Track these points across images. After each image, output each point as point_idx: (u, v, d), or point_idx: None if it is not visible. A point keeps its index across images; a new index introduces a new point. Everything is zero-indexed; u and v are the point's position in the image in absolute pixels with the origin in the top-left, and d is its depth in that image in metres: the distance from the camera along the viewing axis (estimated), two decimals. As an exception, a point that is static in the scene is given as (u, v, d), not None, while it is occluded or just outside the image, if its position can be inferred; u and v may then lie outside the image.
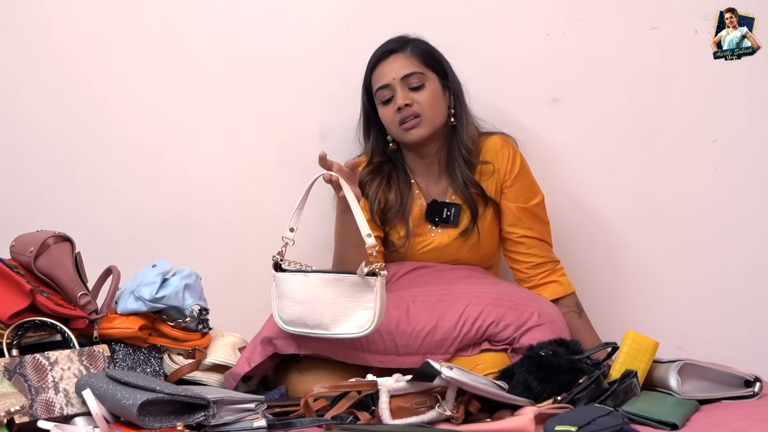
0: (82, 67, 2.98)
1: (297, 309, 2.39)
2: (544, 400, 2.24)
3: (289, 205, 2.97)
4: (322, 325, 2.37)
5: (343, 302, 2.35)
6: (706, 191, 2.98)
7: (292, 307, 2.39)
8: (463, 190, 2.74)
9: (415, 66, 2.71)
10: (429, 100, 2.69)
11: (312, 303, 2.37)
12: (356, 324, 2.35)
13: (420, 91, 2.69)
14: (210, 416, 2.10)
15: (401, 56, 2.72)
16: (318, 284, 2.37)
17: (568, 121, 2.99)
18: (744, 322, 2.99)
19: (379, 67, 2.74)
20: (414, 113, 2.68)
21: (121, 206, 2.99)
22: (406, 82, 2.69)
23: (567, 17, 2.95)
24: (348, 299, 2.35)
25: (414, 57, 2.72)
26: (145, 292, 2.46)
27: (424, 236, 2.76)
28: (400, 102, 2.68)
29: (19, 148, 2.99)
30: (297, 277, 2.39)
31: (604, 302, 2.98)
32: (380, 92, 2.72)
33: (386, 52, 2.73)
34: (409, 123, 2.69)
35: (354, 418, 2.18)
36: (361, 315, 2.35)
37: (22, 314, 2.32)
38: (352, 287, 2.35)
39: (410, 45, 2.73)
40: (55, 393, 2.22)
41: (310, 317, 2.37)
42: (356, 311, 2.35)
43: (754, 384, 2.37)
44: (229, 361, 2.53)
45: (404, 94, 2.69)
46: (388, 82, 2.71)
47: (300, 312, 2.38)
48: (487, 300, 2.52)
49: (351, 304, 2.35)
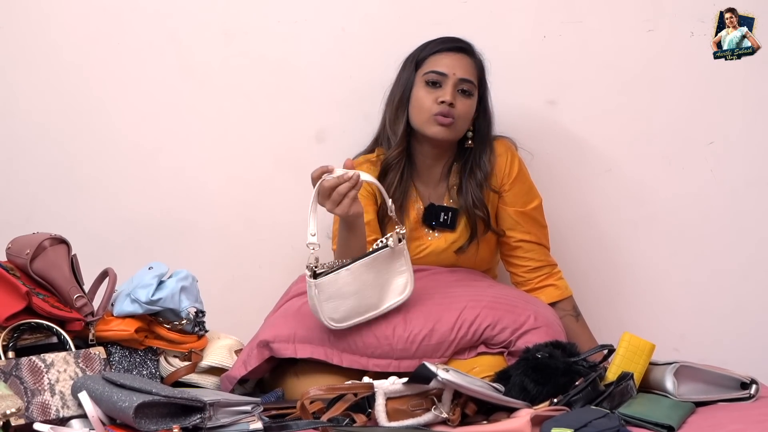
0: (79, 69, 2.98)
1: (349, 303, 2.43)
2: (540, 402, 2.24)
3: (285, 207, 3.00)
4: (372, 306, 2.46)
5: (382, 277, 2.46)
6: (702, 193, 2.99)
7: (344, 303, 2.43)
8: (471, 210, 2.73)
9: (474, 77, 2.72)
10: (466, 111, 2.69)
11: (361, 290, 2.44)
12: (397, 291, 2.47)
13: (466, 99, 2.69)
14: (206, 419, 2.10)
15: (469, 60, 2.73)
16: (361, 271, 2.43)
17: (565, 123, 2.99)
18: (740, 324, 2.99)
19: (445, 55, 2.71)
20: (451, 114, 2.67)
21: (117, 208, 2.99)
22: (460, 84, 2.69)
23: (563, 19, 2.95)
24: (385, 273, 2.46)
25: (476, 69, 2.73)
26: (142, 294, 2.46)
27: (421, 240, 2.75)
28: (449, 98, 2.65)
29: (15, 149, 2.99)
30: (341, 273, 2.42)
31: (600, 304, 2.98)
32: (432, 74, 2.69)
33: (458, 48, 2.73)
34: (443, 119, 2.66)
35: (350, 421, 2.18)
36: (398, 281, 2.47)
37: (18, 316, 2.32)
38: (386, 260, 2.45)
39: (477, 56, 2.75)
40: (51, 395, 2.22)
41: (360, 305, 2.44)
42: (393, 280, 2.46)
43: (750, 386, 2.37)
44: (226, 364, 2.53)
45: (454, 93, 2.68)
46: (447, 73, 2.69)
47: (352, 304, 2.43)
48: (483, 303, 2.52)
49: (387, 275, 2.46)
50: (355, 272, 2.42)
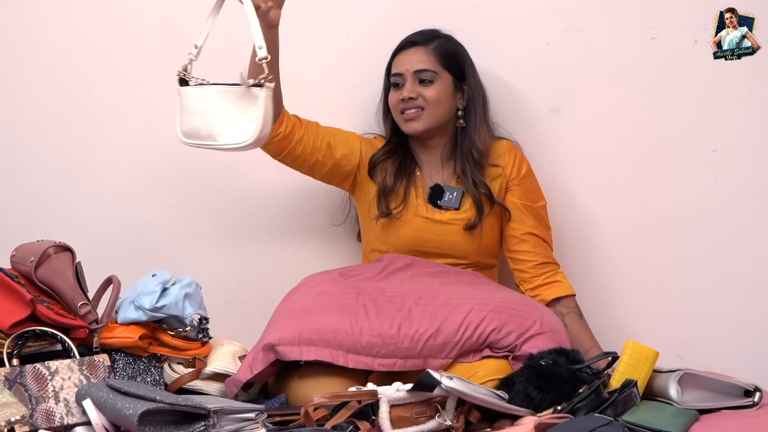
0: (83, 75, 2.99)
1: (193, 120, 2.48)
2: (544, 409, 2.24)
3: (288, 215, 3.00)
4: (212, 136, 2.47)
5: (232, 113, 2.44)
6: (705, 200, 2.98)
7: (190, 118, 2.49)
8: (473, 190, 2.78)
9: (431, 63, 2.79)
10: (434, 97, 2.77)
11: (205, 113, 2.47)
12: (241, 134, 2.43)
13: (428, 86, 2.78)
14: (210, 426, 2.10)
15: (421, 50, 2.80)
16: (210, 95, 2.47)
17: (568, 131, 2.99)
18: (744, 331, 2.99)
19: (400, 54, 2.83)
20: (417, 106, 2.77)
21: (121, 216, 2.99)
22: (417, 76, 2.78)
23: (567, 27, 2.95)
24: (237, 110, 2.44)
25: (433, 54, 2.80)
26: (145, 301, 2.46)
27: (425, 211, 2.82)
28: (405, 94, 2.77)
29: (19, 156, 3.00)
30: (195, 89, 2.49)
31: (603, 311, 2.98)
32: (393, 77, 2.82)
33: (410, 43, 2.82)
34: (408, 114, 2.78)
35: (354, 428, 2.18)
36: (247, 126, 2.43)
37: (23, 324, 2.32)
38: (240, 98, 2.43)
39: (435, 42, 2.81)
40: (55, 403, 2.22)
41: (203, 128, 2.47)
42: (243, 122, 2.43)
43: (754, 394, 2.37)
44: (230, 370, 2.53)
45: (412, 87, 2.78)
46: (401, 71, 2.80)
47: (195, 122, 2.48)
48: (490, 306, 2.53)
49: (239, 114, 2.44)
50: (205, 94, 2.47)
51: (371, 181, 2.84)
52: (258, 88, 2.40)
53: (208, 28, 2.52)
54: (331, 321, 2.47)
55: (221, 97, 2.44)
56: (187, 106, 2.49)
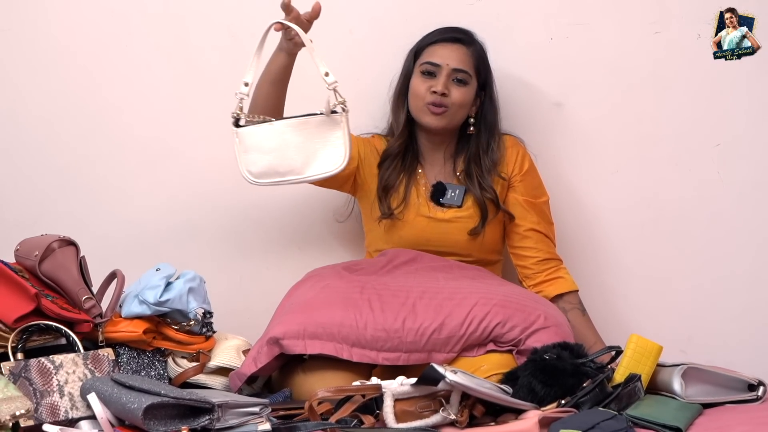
0: (86, 70, 2.99)
1: (267, 159, 2.46)
2: (548, 403, 2.25)
3: (292, 208, 3.00)
4: (294, 170, 2.47)
5: (312, 144, 2.45)
6: (709, 195, 2.98)
7: (262, 158, 2.47)
8: (478, 192, 2.78)
9: (469, 66, 2.77)
10: (461, 100, 2.76)
11: (282, 150, 2.46)
12: (328, 163, 2.45)
13: (460, 87, 2.76)
14: (214, 420, 2.10)
15: (464, 50, 2.79)
16: (284, 130, 2.46)
17: (572, 125, 2.99)
18: (748, 325, 2.99)
19: (440, 46, 2.79)
20: (443, 103, 2.74)
21: (125, 210, 2.99)
22: (454, 74, 2.76)
23: (570, 21, 2.95)
24: (316, 140, 2.45)
25: (472, 57, 2.79)
26: (150, 295, 2.47)
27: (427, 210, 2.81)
28: (440, 88, 2.74)
29: (23, 151, 3.00)
30: (262, 127, 2.47)
31: (607, 306, 2.99)
32: (427, 65, 2.78)
33: (453, 39, 2.80)
34: (435, 109, 2.75)
35: (358, 422, 2.18)
36: (331, 153, 2.44)
37: (27, 318, 2.32)
38: (318, 127, 2.45)
39: (475, 45, 2.81)
40: (60, 397, 2.22)
41: (281, 164, 2.46)
42: (325, 150, 2.44)
43: (758, 388, 2.38)
44: (234, 364, 2.53)
45: (446, 83, 2.75)
46: (440, 63, 2.76)
47: (270, 161, 2.47)
48: (494, 301, 2.53)
49: (319, 144, 2.45)
50: (278, 130, 2.46)
51: (371, 181, 2.82)
52: (339, 114, 2.44)
53: (255, 63, 2.50)
54: (335, 315, 2.48)
55: (297, 130, 2.45)
56: (254, 146, 2.47)
